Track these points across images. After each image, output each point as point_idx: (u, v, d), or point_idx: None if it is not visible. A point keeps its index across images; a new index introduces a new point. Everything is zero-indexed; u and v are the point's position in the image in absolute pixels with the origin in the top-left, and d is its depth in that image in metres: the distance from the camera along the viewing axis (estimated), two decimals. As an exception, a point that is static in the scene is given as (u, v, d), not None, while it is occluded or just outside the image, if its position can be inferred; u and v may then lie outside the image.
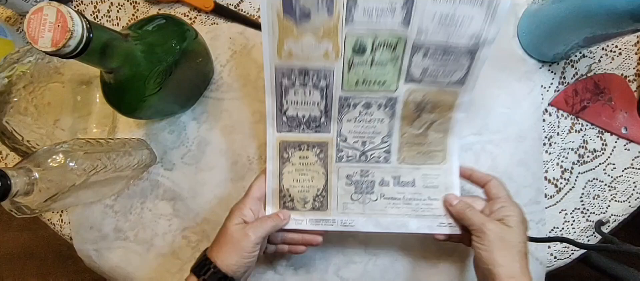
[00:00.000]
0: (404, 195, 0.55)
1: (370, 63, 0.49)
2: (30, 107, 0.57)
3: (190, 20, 0.65)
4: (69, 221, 0.66)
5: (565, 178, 0.62)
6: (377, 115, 0.53)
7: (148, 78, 0.50)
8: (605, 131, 0.61)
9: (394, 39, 0.47)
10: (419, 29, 0.46)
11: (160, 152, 0.65)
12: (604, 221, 0.61)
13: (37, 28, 0.37)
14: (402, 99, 0.52)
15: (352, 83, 0.50)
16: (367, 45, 0.47)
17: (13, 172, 0.42)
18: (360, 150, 0.55)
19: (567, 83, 0.62)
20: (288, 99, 0.52)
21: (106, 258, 0.66)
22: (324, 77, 0.50)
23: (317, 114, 0.53)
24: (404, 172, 0.55)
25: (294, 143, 0.55)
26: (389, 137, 0.54)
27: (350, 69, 0.49)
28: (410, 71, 0.50)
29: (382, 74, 0.50)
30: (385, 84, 0.50)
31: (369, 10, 0.45)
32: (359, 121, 0.53)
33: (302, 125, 0.54)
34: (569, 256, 0.62)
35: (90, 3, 0.67)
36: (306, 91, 0.51)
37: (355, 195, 0.55)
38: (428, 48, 0.47)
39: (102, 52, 0.42)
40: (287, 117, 0.53)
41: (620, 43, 0.62)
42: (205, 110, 0.64)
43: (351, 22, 0.46)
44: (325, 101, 0.52)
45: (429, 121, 0.53)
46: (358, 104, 0.52)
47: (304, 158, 0.55)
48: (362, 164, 0.55)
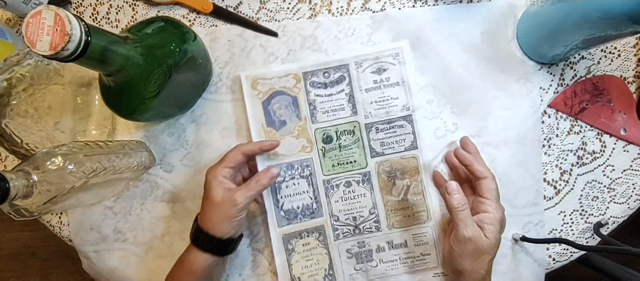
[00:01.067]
0: (399, 256, 0.62)
1: (338, 148, 0.62)
2: (30, 110, 0.57)
3: (189, 23, 0.65)
4: (68, 223, 0.67)
5: (564, 179, 0.62)
6: (359, 191, 0.62)
7: (147, 80, 0.50)
8: (604, 132, 0.61)
9: (351, 126, 0.62)
10: (365, 114, 0.61)
11: (160, 154, 0.65)
12: (603, 223, 0.61)
13: (35, 32, 0.37)
14: (374, 172, 0.62)
15: (329, 167, 0.62)
16: (333, 136, 0.62)
17: (12, 175, 0.42)
18: (353, 225, 0.62)
19: (566, 85, 0.62)
20: (282, 194, 0.62)
21: (106, 260, 0.66)
22: (307, 166, 0.62)
23: (308, 202, 0.62)
24: (395, 236, 0.62)
25: (295, 233, 0.63)
26: (374, 208, 0.62)
27: (325, 156, 0.62)
28: (372, 146, 0.62)
29: (351, 155, 0.62)
30: (356, 163, 0.62)
31: (326, 111, 0.62)
32: (345, 200, 0.62)
33: (299, 215, 0.62)
34: (567, 258, 0.62)
35: (89, 5, 0.67)
36: (295, 183, 0.62)
37: (357, 266, 0.63)
38: (377, 124, 0.61)
39: (100, 56, 0.42)
40: (285, 212, 0.62)
41: (619, 45, 0.62)
42: (204, 112, 0.64)
43: (316, 121, 0.62)
44: (312, 188, 0.62)
45: (404, 186, 0.62)
46: (340, 184, 0.62)
47: (307, 244, 0.63)
48: (357, 237, 0.63)
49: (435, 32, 0.62)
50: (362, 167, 0.62)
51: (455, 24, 0.62)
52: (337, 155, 0.62)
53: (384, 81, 0.61)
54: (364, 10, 0.63)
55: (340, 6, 0.64)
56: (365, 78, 0.61)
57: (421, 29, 0.62)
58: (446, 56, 0.62)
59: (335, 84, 0.61)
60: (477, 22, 0.62)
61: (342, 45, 0.63)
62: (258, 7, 0.64)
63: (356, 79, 0.61)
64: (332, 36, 0.63)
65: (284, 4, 0.64)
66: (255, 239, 0.64)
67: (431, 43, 0.62)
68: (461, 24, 0.62)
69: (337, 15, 0.64)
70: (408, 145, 0.61)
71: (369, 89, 0.61)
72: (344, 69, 0.61)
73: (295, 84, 0.62)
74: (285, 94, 0.62)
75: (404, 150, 0.61)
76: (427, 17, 0.63)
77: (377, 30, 0.63)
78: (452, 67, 0.62)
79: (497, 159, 0.62)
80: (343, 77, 0.61)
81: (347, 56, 0.61)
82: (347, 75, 0.61)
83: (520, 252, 0.62)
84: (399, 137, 0.61)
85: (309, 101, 0.61)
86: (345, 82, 0.61)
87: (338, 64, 0.61)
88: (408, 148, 0.61)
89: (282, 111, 0.62)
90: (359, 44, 0.63)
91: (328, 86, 0.61)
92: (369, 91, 0.61)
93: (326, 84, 0.61)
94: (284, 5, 0.64)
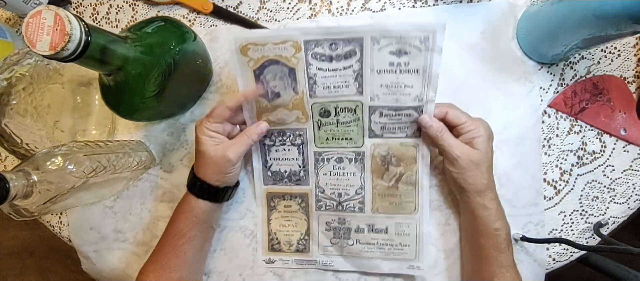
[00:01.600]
0: (377, 241, 0.62)
1: (335, 123, 0.58)
2: (30, 109, 0.57)
3: (189, 23, 0.65)
4: (67, 222, 0.67)
5: (564, 179, 0.62)
6: (349, 168, 0.60)
7: (147, 80, 0.50)
8: (604, 132, 0.61)
9: (353, 105, 0.56)
10: (371, 96, 0.55)
11: (160, 154, 0.65)
12: (603, 223, 0.61)
13: (35, 31, 0.38)
14: (369, 153, 0.59)
15: (323, 139, 0.59)
16: (331, 111, 0.57)
17: (12, 175, 0.42)
18: (336, 200, 0.61)
19: (566, 85, 0.62)
20: (271, 156, 0.61)
21: (105, 259, 0.66)
22: (299, 135, 0.59)
23: (296, 169, 0.61)
24: (377, 221, 0.61)
25: (279, 193, 0.63)
26: (361, 189, 0.60)
27: (320, 128, 0.58)
28: (372, 128, 0.57)
29: (347, 132, 0.58)
30: (352, 140, 0.59)
31: (328, 87, 0.54)
32: (334, 175, 0.61)
33: (285, 179, 0.62)
34: (568, 258, 0.62)
35: (89, 5, 0.67)
36: (285, 148, 0.60)
37: (334, 239, 0.63)
38: (382, 109, 0.56)
39: (100, 55, 0.42)
40: (272, 172, 0.62)
41: (619, 45, 0.61)
42: (204, 112, 0.64)
43: (315, 96, 0.55)
44: (302, 156, 0.61)
45: (397, 173, 0.59)
46: (331, 159, 0.60)
47: (288, 206, 0.63)
48: (339, 213, 0.62)
49: (436, 32, 0.62)
50: (357, 146, 0.59)
51: (455, 23, 0.62)
52: (333, 130, 0.58)
53: (402, 65, 0.52)
54: (363, 10, 0.63)
55: (340, 6, 0.64)
56: (380, 58, 0.52)
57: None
58: (446, 56, 0.61)
59: (343, 59, 0.52)
60: (477, 22, 0.62)
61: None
62: (258, 7, 0.64)
63: (369, 57, 0.52)
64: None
65: (284, 4, 0.64)
66: (256, 239, 0.64)
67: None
68: (461, 23, 0.62)
69: (337, 15, 0.64)
70: (410, 133, 0.57)
71: (381, 71, 0.53)
72: (356, 43, 0.51)
73: (294, 54, 0.52)
74: (281, 64, 0.53)
75: (405, 137, 0.57)
76: (427, 17, 0.63)
77: (377, 30, 0.63)
78: (452, 67, 0.62)
79: (497, 159, 0.61)
80: (353, 52, 0.52)
81: (363, 27, 0.51)
82: (359, 50, 0.51)
83: (520, 252, 0.62)
84: (403, 124, 0.56)
85: (309, 75, 0.53)
86: (355, 58, 0.52)
87: (350, 35, 0.51)
88: (410, 136, 0.57)
89: (276, 83, 0.54)
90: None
91: (334, 59, 0.52)
92: (381, 72, 0.53)
93: (332, 57, 0.52)
94: (284, 5, 0.64)
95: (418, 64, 0.52)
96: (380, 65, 0.52)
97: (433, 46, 0.51)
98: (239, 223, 0.64)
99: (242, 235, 0.64)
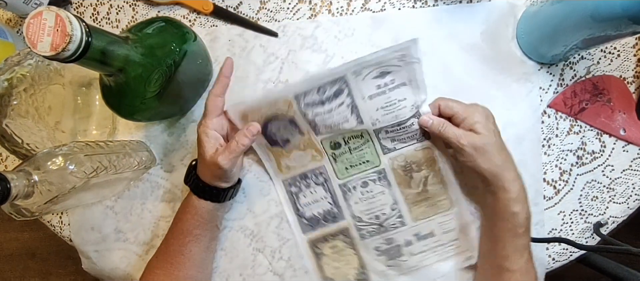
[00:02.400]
0: (428, 246, 0.62)
1: (349, 151, 0.59)
2: (31, 110, 0.57)
3: (189, 23, 0.65)
4: (68, 223, 0.67)
5: (563, 179, 0.62)
6: (377, 189, 0.61)
7: (147, 81, 0.50)
8: (604, 132, 0.61)
9: (358, 132, 0.58)
10: (372, 122, 0.56)
11: (160, 154, 0.65)
12: (602, 223, 0.61)
13: (36, 32, 0.38)
14: (389, 168, 0.60)
15: (343, 171, 0.61)
16: (340, 141, 0.59)
17: (13, 175, 0.43)
18: (377, 223, 0.62)
19: (566, 85, 0.62)
20: (301, 203, 0.63)
21: (107, 259, 0.66)
22: (320, 174, 0.61)
23: (328, 207, 0.62)
24: (421, 228, 0.62)
25: (320, 237, 0.63)
26: (395, 204, 0.61)
27: (336, 161, 0.60)
28: (383, 145, 0.59)
29: (363, 156, 0.60)
30: (369, 162, 0.60)
31: (329, 126, 0.57)
32: (364, 200, 0.61)
33: (321, 221, 0.63)
34: (567, 257, 0.62)
35: (90, 5, 0.67)
36: (311, 191, 0.62)
37: (388, 262, 0.63)
38: (386, 128, 0.57)
39: (101, 56, 0.42)
40: (307, 219, 0.63)
41: (619, 45, 0.62)
42: (204, 112, 0.65)
43: (320, 133, 0.58)
44: (329, 193, 0.62)
45: (422, 178, 0.60)
46: (357, 186, 0.61)
47: (334, 246, 0.63)
48: (383, 234, 0.62)
49: (435, 33, 0.62)
50: (376, 165, 0.60)
51: (455, 24, 0.62)
52: (349, 158, 0.60)
53: (388, 84, 0.54)
54: (364, 10, 0.64)
55: (340, 6, 0.64)
56: (367, 85, 0.54)
57: (421, 29, 0.63)
58: (446, 56, 0.62)
59: (334, 98, 0.55)
60: (477, 23, 0.62)
61: (342, 45, 0.63)
62: (258, 7, 0.64)
63: (356, 89, 0.54)
64: (332, 36, 0.63)
65: (284, 4, 0.64)
66: (256, 239, 0.64)
67: (431, 43, 0.62)
68: (461, 24, 0.62)
69: (337, 16, 0.64)
70: (420, 137, 0.58)
71: (372, 96, 0.55)
72: (340, 81, 0.54)
73: (289, 109, 0.56)
74: (281, 118, 0.57)
75: (417, 142, 0.58)
76: (427, 17, 0.63)
77: (377, 30, 0.63)
78: (452, 68, 0.62)
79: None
80: (341, 90, 0.55)
81: (341, 68, 0.53)
82: (346, 86, 0.54)
83: (520, 252, 0.62)
84: (409, 134, 0.58)
85: (309, 120, 0.57)
86: (344, 94, 0.55)
87: (333, 77, 0.54)
88: (420, 140, 0.58)
89: (281, 132, 0.59)
90: (358, 44, 0.63)
91: (326, 102, 0.55)
92: (372, 97, 0.55)
93: (323, 101, 0.55)
94: (284, 6, 0.64)
95: (403, 78, 0.54)
96: (369, 91, 0.55)
97: (411, 59, 0.53)
98: (240, 223, 0.64)
99: (242, 235, 0.64)
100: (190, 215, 0.57)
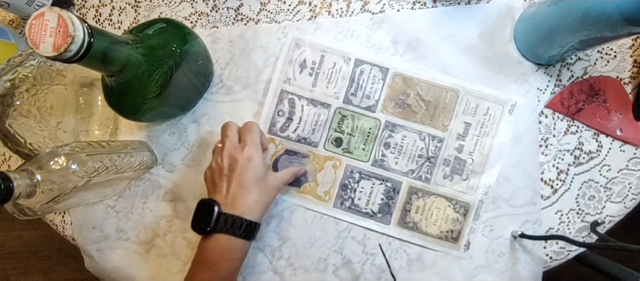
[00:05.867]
0: (475, 133, 0.63)
1: (351, 135, 0.63)
2: (33, 110, 0.57)
3: (190, 24, 0.66)
4: (70, 222, 0.67)
5: (561, 179, 0.62)
6: (398, 139, 0.63)
7: (149, 81, 0.50)
8: (601, 132, 0.62)
9: (339, 116, 0.63)
10: (335, 96, 0.63)
11: (161, 154, 0.66)
12: (599, 222, 0.62)
13: (38, 33, 0.38)
14: (388, 116, 0.63)
15: (362, 153, 0.64)
16: (337, 135, 0.64)
17: (15, 175, 0.43)
18: (424, 159, 0.63)
19: (563, 85, 0.62)
20: (362, 207, 0.64)
21: (108, 258, 0.67)
22: (351, 173, 0.64)
23: (383, 188, 0.64)
24: (455, 128, 0.63)
25: (402, 214, 0.64)
26: (420, 132, 0.63)
27: (351, 151, 0.64)
28: (364, 106, 0.63)
29: (363, 128, 0.63)
30: (372, 127, 0.63)
31: (310, 129, 0.64)
32: (399, 155, 0.63)
33: (389, 203, 0.63)
34: (565, 256, 0.62)
35: (92, 7, 0.67)
36: (359, 191, 0.64)
37: (463, 176, 0.63)
38: (350, 93, 0.63)
39: (103, 57, 0.43)
40: (379, 212, 0.64)
41: (616, 46, 0.62)
42: (205, 112, 0.65)
43: (314, 143, 0.64)
44: (371, 178, 0.64)
45: (415, 96, 0.62)
46: (383, 152, 0.63)
47: (417, 209, 0.63)
48: (437, 162, 0.63)
49: (434, 34, 0.63)
50: (378, 123, 0.63)
51: (453, 25, 0.63)
52: (356, 140, 0.63)
53: (316, 62, 0.63)
54: (363, 11, 0.64)
55: (340, 8, 0.64)
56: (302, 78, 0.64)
57: (420, 30, 0.63)
58: (444, 57, 0.63)
59: (299, 110, 0.64)
60: (474, 24, 0.63)
61: (342, 46, 0.64)
62: (259, 9, 0.65)
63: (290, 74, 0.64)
64: (332, 37, 0.64)
65: (284, 6, 0.65)
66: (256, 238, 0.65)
67: (430, 44, 0.63)
68: (459, 25, 0.63)
69: (337, 17, 0.64)
70: (383, 76, 0.63)
71: (303, 73, 0.64)
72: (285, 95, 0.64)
73: (277, 146, 0.64)
74: (280, 157, 0.64)
75: (383, 82, 0.63)
76: (425, 19, 0.63)
77: (376, 31, 0.64)
78: (450, 69, 0.63)
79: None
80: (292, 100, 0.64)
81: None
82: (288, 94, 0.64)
83: (518, 251, 0.62)
84: (370, 81, 0.63)
85: (296, 141, 0.64)
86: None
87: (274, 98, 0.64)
88: (384, 78, 0.63)
89: (287, 163, 0.64)
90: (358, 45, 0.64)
91: (293, 117, 0.64)
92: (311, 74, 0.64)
93: (291, 118, 0.64)
94: (284, 7, 0.65)
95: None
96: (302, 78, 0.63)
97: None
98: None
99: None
100: (229, 261, 0.52)
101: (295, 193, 0.64)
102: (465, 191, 0.63)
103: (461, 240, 0.62)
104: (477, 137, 0.62)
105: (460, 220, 0.62)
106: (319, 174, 0.64)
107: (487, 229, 0.62)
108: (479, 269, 0.63)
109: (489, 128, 0.62)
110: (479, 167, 0.62)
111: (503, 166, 0.62)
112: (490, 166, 0.62)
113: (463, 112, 0.62)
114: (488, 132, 0.62)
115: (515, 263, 0.62)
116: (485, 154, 0.62)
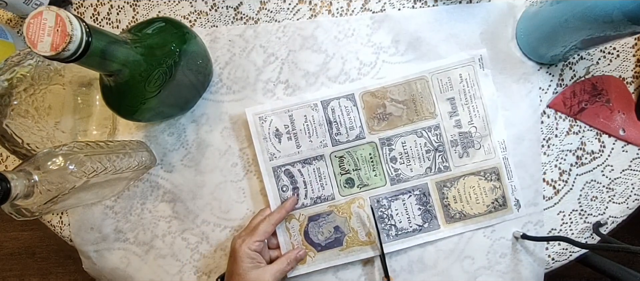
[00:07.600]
0: (472, 111, 0.63)
1: (357, 169, 0.63)
2: (31, 110, 0.57)
3: (189, 23, 0.65)
4: (68, 223, 0.67)
5: (563, 179, 0.62)
6: (398, 147, 0.63)
7: (147, 81, 0.50)
8: (603, 132, 0.62)
9: (335, 158, 0.63)
10: (323, 144, 0.63)
11: (160, 154, 0.65)
12: (602, 223, 0.61)
13: (36, 32, 0.38)
14: (376, 138, 0.63)
15: (375, 179, 0.63)
16: (348, 176, 0.63)
17: (13, 175, 0.43)
18: (435, 152, 0.63)
19: (565, 85, 0.62)
20: (402, 228, 0.63)
21: (106, 259, 0.66)
22: (377, 202, 0.63)
23: (414, 200, 0.63)
24: (443, 108, 0.63)
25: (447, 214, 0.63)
26: (421, 129, 0.63)
27: (367, 183, 0.63)
28: (348, 139, 0.63)
29: (364, 155, 0.63)
30: (371, 152, 0.63)
31: (319, 185, 0.63)
32: (411, 159, 0.63)
33: (429, 209, 0.63)
34: (567, 257, 0.62)
35: (90, 6, 0.67)
36: (393, 215, 0.63)
37: (477, 151, 0.63)
38: (335, 133, 0.63)
39: (101, 56, 0.42)
40: (422, 224, 0.63)
41: (618, 45, 0.62)
42: (204, 112, 0.65)
43: (334, 198, 0.63)
44: (399, 197, 0.63)
45: (397, 102, 0.63)
46: (397, 164, 0.63)
47: (453, 198, 0.63)
48: (450, 147, 0.63)
49: (435, 33, 0.63)
50: (373, 145, 0.62)
51: (455, 24, 0.63)
52: (365, 172, 0.63)
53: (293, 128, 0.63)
54: (363, 10, 0.64)
55: (340, 7, 0.64)
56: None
57: (421, 29, 0.63)
58: (446, 57, 0.62)
59: (309, 164, 0.63)
60: (476, 23, 0.62)
61: (342, 45, 0.63)
62: (258, 8, 0.65)
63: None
64: (332, 37, 0.64)
65: (284, 5, 0.64)
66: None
67: (431, 43, 0.62)
68: (460, 24, 0.63)
69: (337, 16, 0.64)
70: (353, 102, 0.62)
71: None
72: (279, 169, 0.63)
73: (298, 216, 0.63)
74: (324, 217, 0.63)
75: (354, 106, 0.62)
76: (426, 17, 0.63)
77: (376, 30, 0.63)
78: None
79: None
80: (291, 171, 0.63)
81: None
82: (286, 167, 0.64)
83: (520, 252, 0.62)
84: (347, 122, 0.62)
85: (314, 200, 0.63)
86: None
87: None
88: (354, 105, 0.62)
89: (322, 230, 0.63)
90: (358, 45, 0.63)
91: (303, 170, 0.63)
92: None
93: (301, 171, 0.63)
94: (284, 6, 0.64)
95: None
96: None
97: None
98: (240, 223, 0.65)
99: (242, 235, 0.64)
100: None
101: (340, 253, 0.62)
102: (485, 158, 0.62)
103: (509, 202, 0.62)
104: (466, 106, 0.62)
105: (497, 186, 0.62)
106: (350, 221, 0.62)
107: (488, 230, 0.62)
108: (480, 270, 0.62)
109: (472, 91, 0.62)
110: (484, 130, 0.62)
111: (504, 116, 0.62)
112: (493, 122, 0.62)
113: (441, 92, 0.62)
114: (473, 94, 0.62)
115: (517, 265, 0.62)
116: (483, 116, 0.62)
